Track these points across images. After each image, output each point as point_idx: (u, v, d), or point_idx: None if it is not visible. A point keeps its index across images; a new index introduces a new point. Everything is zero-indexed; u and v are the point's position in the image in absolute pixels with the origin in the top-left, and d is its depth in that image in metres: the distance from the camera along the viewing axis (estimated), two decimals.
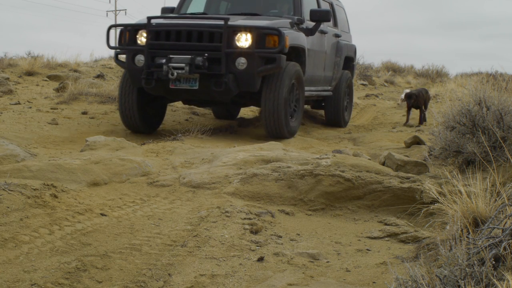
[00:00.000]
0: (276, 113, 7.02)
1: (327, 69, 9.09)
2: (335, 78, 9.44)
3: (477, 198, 2.83)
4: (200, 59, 6.67)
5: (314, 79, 8.53)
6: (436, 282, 2.19)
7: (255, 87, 6.92)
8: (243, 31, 6.78)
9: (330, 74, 9.28)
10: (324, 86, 9.15)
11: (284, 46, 6.79)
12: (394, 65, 22.79)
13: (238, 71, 6.78)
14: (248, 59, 6.76)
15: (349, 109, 10.34)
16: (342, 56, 9.53)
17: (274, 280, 2.78)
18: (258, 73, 6.83)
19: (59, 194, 3.82)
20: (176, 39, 6.88)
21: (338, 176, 4.25)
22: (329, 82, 9.35)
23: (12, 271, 2.67)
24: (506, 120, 4.61)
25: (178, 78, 6.81)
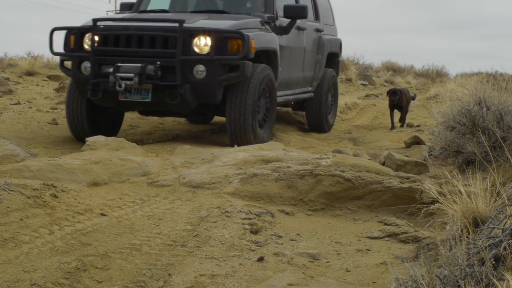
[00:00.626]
0: (243, 124, 6.18)
1: (306, 68, 8.19)
2: (316, 77, 8.51)
3: (477, 198, 2.83)
4: (151, 67, 5.83)
5: (291, 82, 7.69)
6: (436, 282, 2.19)
7: (216, 99, 6.11)
8: (201, 35, 5.97)
9: (310, 74, 8.37)
10: (303, 87, 8.26)
11: (249, 51, 5.97)
12: (394, 65, 22.82)
13: (196, 80, 5.95)
14: (207, 67, 5.94)
15: (333, 112, 9.34)
16: (324, 53, 8.59)
17: (274, 280, 2.78)
18: (219, 82, 6.02)
19: (59, 194, 3.82)
20: (126, 44, 6.06)
21: (338, 176, 4.25)
22: (310, 83, 8.46)
23: (12, 271, 2.67)
24: (506, 120, 4.61)
25: (129, 89, 6.00)
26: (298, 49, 7.78)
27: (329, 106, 9.00)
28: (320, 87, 8.62)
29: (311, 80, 8.46)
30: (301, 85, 8.16)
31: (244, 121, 6.19)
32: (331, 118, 9.13)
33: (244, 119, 6.19)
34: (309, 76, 8.33)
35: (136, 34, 6.04)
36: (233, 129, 6.25)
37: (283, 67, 7.20)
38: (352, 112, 12.25)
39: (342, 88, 15.92)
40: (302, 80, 8.13)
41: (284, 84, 7.38)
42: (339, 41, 9.45)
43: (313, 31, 8.30)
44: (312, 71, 8.42)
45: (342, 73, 17.63)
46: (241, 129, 6.22)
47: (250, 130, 6.23)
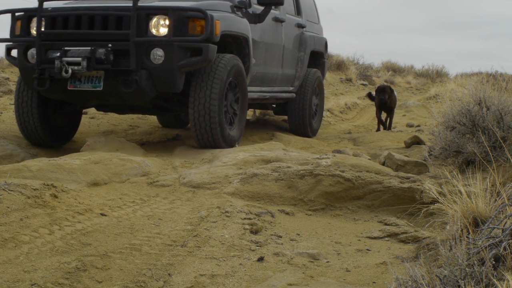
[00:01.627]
0: (208, 119, 5.51)
1: (286, 65, 7.52)
2: (298, 76, 7.86)
3: (477, 198, 2.83)
4: (102, 51, 5.22)
5: (268, 78, 7.05)
6: (436, 282, 2.19)
7: (177, 87, 5.44)
8: (159, 14, 5.33)
9: (291, 72, 7.71)
10: (283, 86, 7.60)
11: (213, 32, 5.34)
12: (394, 65, 22.81)
13: (154, 66, 5.31)
14: (166, 51, 5.29)
15: (319, 115, 8.63)
16: (306, 51, 7.97)
17: (274, 280, 2.78)
18: (179, 68, 5.35)
19: (59, 194, 3.82)
20: (76, 26, 5.43)
21: (338, 176, 4.26)
22: (291, 82, 7.79)
23: (12, 271, 2.67)
24: (506, 120, 4.62)
25: (78, 76, 5.38)
26: (276, 42, 7.16)
27: (313, 110, 8.34)
28: (303, 88, 8.02)
29: (292, 79, 7.82)
30: (281, 83, 7.53)
31: (210, 119, 5.52)
32: (315, 123, 8.45)
33: (210, 116, 5.51)
34: (289, 74, 7.69)
35: (86, 14, 5.40)
36: (198, 128, 5.60)
37: (258, 60, 6.60)
38: (352, 112, 12.26)
39: (342, 88, 15.92)
40: (282, 78, 7.49)
41: (259, 79, 6.79)
42: (324, 40, 8.82)
43: (293, 25, 7.74)
44: (293, 69, 7.79)
45: (342, 73, 17.63)
46: (207, 128, 5.55)
47: (217, 129, 5.56)
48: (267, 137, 7.45)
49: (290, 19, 7.61)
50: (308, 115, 8.03)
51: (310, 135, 8.11)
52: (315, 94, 8.35)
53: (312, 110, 8.26)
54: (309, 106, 8.06)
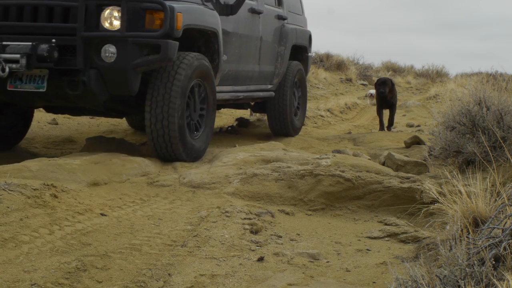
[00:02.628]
0: (166, 125, 4.81)
1: (264, 61, 6.82)
2: (278, 73, 7.15)
3: (477, 198, 2.83)
4: (45, 47, 4.51)
5: (242, 76, 6.38)
6: (436, 282, 2.19)
7: (131, 89, 4.71)
8: (112, 5, 4.64)
9: (269, 69, 7.00)
10: (260, 84, 6.89)
11: (173, 27, 4.66)
12: (394, 65, 22.83)
13: (104, 65, 4.61)
14: (118, 48, 4.59)
15: (301, 113, 8.01)
16: (287, 45, 7.25)
17: (274, 280, 2.78)
18: (134, 67, 4.64)
19: (59, 194, 3.82)
20: (17, 18, 4.75)
21: (338, 176, 4.26)
22: (269, 79, 7.09)
23: (12, 271, 2.67)
24: (506, 120, 4.62)
25: (19, 75, 4.71)
26: (252, 36, 6.45)
27: (294, 106, 7.66)
28: (283, 82, 7.28)
29: (271, 76, 7.11)
30: (257, 81, 6.81)
31: (168, 125, 4.79)
32: (298, 121, 7.76)
33: (169, 122, 4.79)
34: (268, 71, 6.98)
35: (29, 4, 4.72)
36: (155, 136, 4.87)
37: (231, 56, 5.94)
38: (352, 112, 12.27)
39: (342, 88, 15.93)
40: (259, 75, 6.78)
41: (232, 78, 6.12)
42: (308, 33, 8.07)
43: (273, 17, 7.04)
44: (272, 65, 7.09)
45: (342, 73, 17.64)
46: (165, 136, 4.82)
47: (176, 138, 4.82)
48: (267, 137, 7.45)
49: (269, 10, 6.92)
50: (289, 113, 7.33)
51: (292, 134, 7.45)
52: (296, 89, 7.67)
53: (294, 106, 7.59)
54: (290, 103, 7.36)
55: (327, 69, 17.24)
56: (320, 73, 16.09)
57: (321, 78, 15.70)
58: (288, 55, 7.27)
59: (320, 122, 10.11)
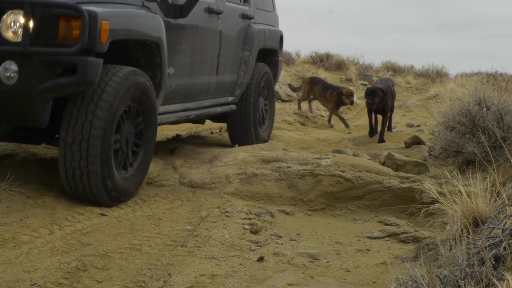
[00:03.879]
0: (85, 165, 3.66)
1: (224, 71, 5.64)
2: (241, 83, 6.00)
3: (477, 198, 2.83)
4: None
5: (194, 90, 5.17)
6: (436, 282, 2.19)
7: (39, 120, 3.59)
8: (14, 8, 3.51)
9: (230, 79, 5.85)
10: (218, 97, 5.74)
11: (95, 39, 3.53)
12: (394, 65, 22.81)
13: (3, 87, 3.48)
14: (21, 66, 3.48)
15: (269, 123, 6.78)
16: (253, 49, 6.06)
17: (274, 280, 2.78)
18: (41, 92, 3.50)
19: (59, 194, 3.82)
20: None
21: (338, 176, 4.26)
22: (230, 91, 5.95)
23: (12, 271, 2.67)
24: (506, 120, 4.62)
25: None
26: (209, 41, 5.25)
27: (259, 115, 6.47)
28: (247, 94, 6.17)
29: (232, 87, 5.96)
30: (215, 94, 5.63)
31: (87, 166, 3.67)
32: (264, 132, 6.59)
33: (88, 161, 3.66)
34: (228, 81, 5.81)
35: None
36: (70, 176, 3.72)
37: (179, 68, 4.77)
38: (352, 112, 12.26)
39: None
40: (216, 88, 5.59)
41: (181, 94, 4.93)
42: (279, 33, 6.86)
43: (236, 17, 5.87)
44: (234, 74, 5.93)
45: (342, 73, 17.64)
46: (84, 178, 3.69)
47: (98, 179, 3.68)
48: None
49: (232, 8, 5.74)
50: (253, 123, 6.19)
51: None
52: (262, 96, 6.53)
53: (258, 116, 6.43)
54: (254, 112, 6.21)
55: (327, 69, 17.24)
56: (320, 73, 16.09)
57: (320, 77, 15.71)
58: (253, 61, 6.15)
59: (320, 122, 10.10)
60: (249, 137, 6.19)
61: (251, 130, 6.19)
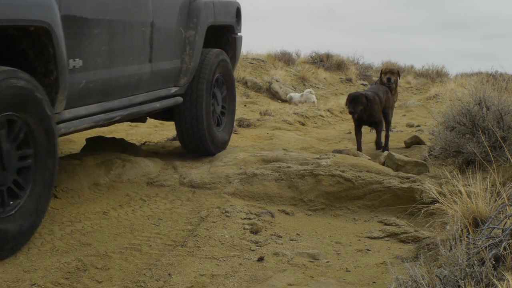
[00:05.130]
0: None
1: (160, 55, 4.50)
2: (186, 69, 4.88)
3: (477, 198, 2.83)
4: None
5: (117, 85, 4.02)
6: (436, 282, 2.19)
7: None
8: None
9: (171, 65, 4.72)
10: (156, 89, 4.61)
11: None
12: (394, 65, 22.81)
13: None
14: None
15: (228, 121, 5.69)
16: (200, 27, 4.92)
17: (274, 280, 2.79)
18: None
19: (59, 194, 3.83)
20: None
21: (338, 176, 4.26)
22: (173, 80, 4.85)
23: (12, 271, 2.67)
24: (506, 120, 4.62)
25: None
26: (134, 20, 4.10)
27: (217, 112, 5.45)
28: (196, 82, 5.03)
29: (176, 76, 4.86)
30: (150, 86, 4.50)
31: None
32: (222, 132, 5.50)
33: None
34: (169, 69, 4.70)
35: None
36: None
37: (92, 58, 3.67)
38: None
39: (342, 88, 15.91)
40: (152, 78, 4.45)
41: (97, 92, 3.80)
42: (235, 5, 5.72)
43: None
44: (177, 59, 4.80)
45: (342, 73, 17.62)
46: None
47: None
48: (266, 137, 7.45)
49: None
50: (206, 122, 5.09)
51: (212, 151, 5.22)
52: (218, 88, 5.45)
53: (216, 113, 5.41)
54: (206, 108, 5.10)
55: (327, 69, 17.23)
56: (320, 73, 16.09)
57: (321, 78, 15.70)
58: (201, 41, 4.97)
59: (320, 122, 10.10)
60: (201, 136, 5.09)
61: (203, 131, 5.07)
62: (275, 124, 8.86)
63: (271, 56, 16.64)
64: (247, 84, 13.16)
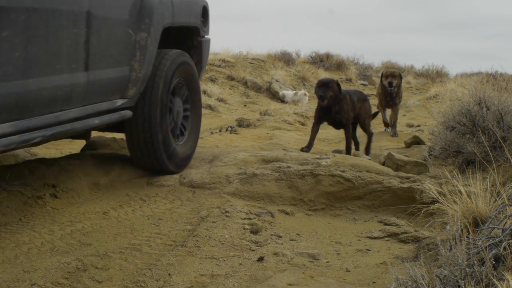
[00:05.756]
0: None
1: (101, 63, 3.71)
2: (137, 78, 4.10)
3: (477, 198, 2.83)
4: None
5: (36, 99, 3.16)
6: (436, 282, 2.19)
7: None
8: None
9: (117, 73, 3.93)
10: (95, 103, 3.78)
11: None
12: (394, 65, 22.81)
13: None
14: None
15: (191, 134, 4.91)
16: (153, 28, 4.16)
17: (274, 280, 2.79)
18: None
19: (59, 194, 3.83)
20: None
21: (338, 176, 4.26)
22: (119, 91, 4.03)
23: (12, 271, 2.67)
24: (506, 120, 4.62)
25: None
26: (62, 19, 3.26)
27: (175, 123, 4.63)
28: (149, 92, 4.27)
29: (123, 86, 4.04)
30: (88, 98, 3.68)
31: None
32: (182, 146, 4.72)
33: None
34: (112, 78, 3.87)
35: None
36: None
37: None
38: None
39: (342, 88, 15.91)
40: (89, 89, 3.63)
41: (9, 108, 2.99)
42: (200, 4, 5.05)
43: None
44: (124, 66, 4.00)
45: (342, 73, 17.63)
46: None
47: None
48: (266, 137, 7.45)
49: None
50: (161, 135, 4.33)
51: (169, 169, 4.51)
52: (179, 95, 4.67)
53: (175, 124, 4.63)
54: (162, 118, 4.33)
55: (327, 69, 17.25)
56: (320, 73, 16.10)
57: None
58: (155, 46, 4.22)
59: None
60: (156, 153, 4.34)
61: (158, 144, 4.31)
62: (275, 124, 8.87)
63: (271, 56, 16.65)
64: (247, 84, 13.17)
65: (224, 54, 15.85)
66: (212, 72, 13.49)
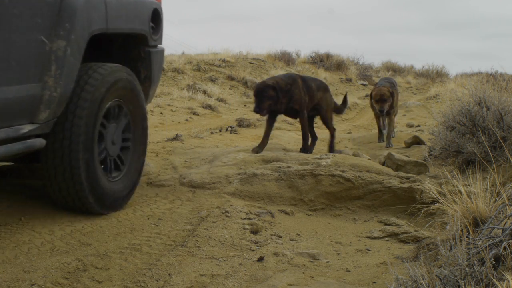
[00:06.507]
0: None
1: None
2: (51, 98, 3.17)
3: (477, 198, 2.83)
4: None
5: None
6: (436, 282, 2.19)
7: None
8: None
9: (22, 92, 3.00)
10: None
11: None
12: (394, 65, 22.83)
13: None
14: None
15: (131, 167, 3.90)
16: (74, 35, 3.25)
17: (274, 280, 2.78)
18: None
19: None
20: None
21: (338, 176, 4.26)
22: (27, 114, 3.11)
23: (12, 271, 2.67)
24: (506, 120, 4.62)
25: None
26: None
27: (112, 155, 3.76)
28: (71, 116, 3.37)
29: (33, 108, 3.15)
30: None
31: None
32: (116, 183, 3.76)
33: None
34: (13, 98, 2.96)
35: None
36: None
37: None
38: (352, 112, 12.27)
39: (342, 88, 15.91)
40: None
41: None
42: (151, 6, 4.14)
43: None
44: (34, 82, 3.11)
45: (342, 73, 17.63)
46: None
47: None
48: None
49: None
50: (86, 173, 3.43)
51: (95, 210, 3.53)
52: (115, 120, 3.77)
53: (109, 156, 3.73)
54: (87, 149, 3.43)
55: (327, 69, 17.25)
56: (320, 73, 16.10)
57: (321, 78, 15.74)
58: (78, 57, 3.34)
59: (320, 123, 10.10)
60: (77, 190, 3.43)
61: (80, 180, 3.41)
62: (275, 124, 8.86)
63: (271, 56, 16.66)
64: (247, 84, 13.17)
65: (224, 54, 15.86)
66: (212, 72, 13.50)
